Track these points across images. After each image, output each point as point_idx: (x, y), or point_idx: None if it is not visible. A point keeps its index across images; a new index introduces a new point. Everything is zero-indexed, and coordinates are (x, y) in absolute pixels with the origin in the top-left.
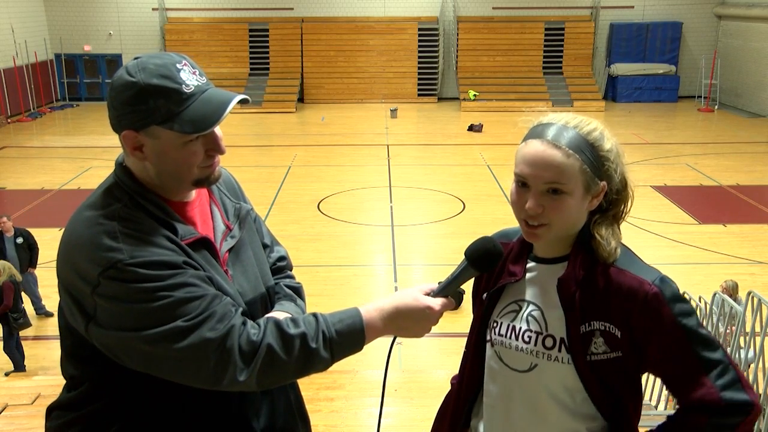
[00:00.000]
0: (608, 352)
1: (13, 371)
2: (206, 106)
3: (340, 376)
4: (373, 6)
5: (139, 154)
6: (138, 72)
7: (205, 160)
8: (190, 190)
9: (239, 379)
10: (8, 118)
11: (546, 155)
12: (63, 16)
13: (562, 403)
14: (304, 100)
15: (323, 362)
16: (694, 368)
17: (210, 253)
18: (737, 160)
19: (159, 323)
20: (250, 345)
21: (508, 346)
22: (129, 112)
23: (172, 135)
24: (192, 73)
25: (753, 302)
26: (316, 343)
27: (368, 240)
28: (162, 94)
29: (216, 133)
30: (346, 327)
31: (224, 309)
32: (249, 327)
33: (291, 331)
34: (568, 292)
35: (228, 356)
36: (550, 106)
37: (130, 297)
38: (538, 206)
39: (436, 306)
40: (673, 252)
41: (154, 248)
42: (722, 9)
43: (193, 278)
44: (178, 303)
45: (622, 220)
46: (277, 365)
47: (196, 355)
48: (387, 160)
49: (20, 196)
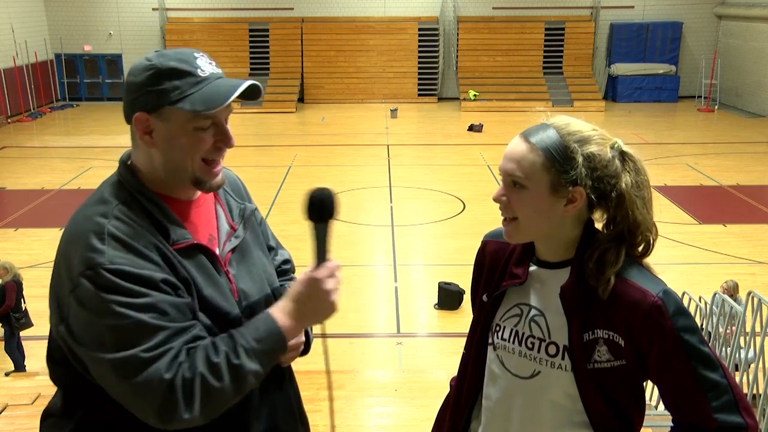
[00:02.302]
0: (612, 360)
1: (14, 371)
2: (218, 89)
3: (341, 376)
4: (373, 6)
5: (148, 139)
6: (156, 57)
7: (213, 152)
8: (191, 188)
9: (184, 417)
10: (8, 118)
11: (512, 148)
12: (63, 16)
13: (564, 411)
14: (304, 100)
15: (254, 373)
16: (690, 386)
17: (207, 257)
18: (737, 160)
19: (118, 347)
20: (188, 381)
21: (511, 351)
22: (144, 93)
23: (183, 118)
24: (209, 63)
25: (753, 302)
26: (239, 358)
27: (368, 240)
28: (177, 75)
29: (226, 125)
30: (264, 333)
31: (180, 346)
32: (185, 361)
33: (214, 358)
34: (570, 300)
35: (173, 395)
36: (550, 107)
37: (98, 308)
38: (500, 195)
39: (318, 275)
40: (674, 252)
41: (136, 258)
42: (722, 9)
43: (165, 304)
44: (141, 327)
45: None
46: (214, 393)
47: (146, 391)
48: (387, 160)
49: (20, 196)
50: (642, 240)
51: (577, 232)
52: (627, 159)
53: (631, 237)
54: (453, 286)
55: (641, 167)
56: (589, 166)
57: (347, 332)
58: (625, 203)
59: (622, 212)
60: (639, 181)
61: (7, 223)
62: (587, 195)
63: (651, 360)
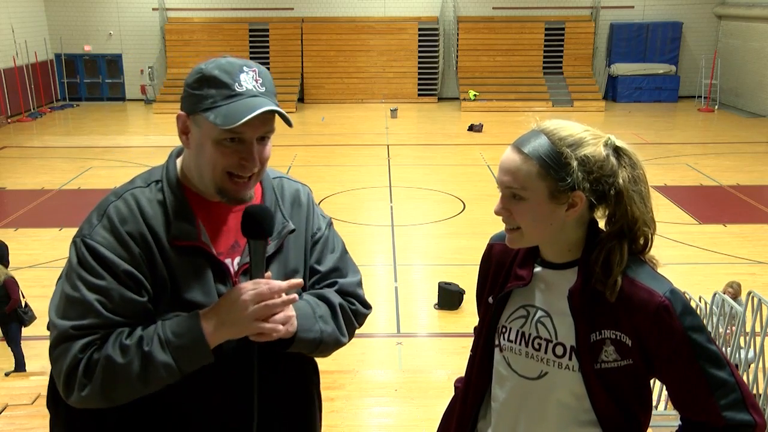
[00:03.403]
0: (619, 360)
1: (14, 371)
2: (244, 108)
3: (340, 376)
4: (373, 6)
5: (184, 139)
6: (209, 63)
7: (237, 168)
8: (216, 196)
9: (81, 394)
10: (8, 118)
11: (506, 160)
12: (63, 16)
13: (571, 411)
14: (304, 100)
15: (164, 366)
16: (698, 384)
17: (209, 262)
18: (737, 160)
19: (60, 314)
20: (93, 361)
21: (517, 353)
22: (187, 95)
23: (209, 127)
24: (254, 80)
25: (753, 302)
26: (151, 346)
27: (368, 240)
28: (215, 84)
29: (253, 144)
30: (184, 329)
31: (106, 336)
32: (100, 346)
33: (126, 341)
34: (578, 301)
35: (75, 372)
36: (550, 107)
37: (67, 272)
38: (501, 209)
39: (242, 286)
40: (674, 252)
41: (114, 242)
42: (722, 9)
43: (116, 293)
44: (83, 305)
45: (640, 250)
46: (116, 371)
47: (57, 362)
48: (387, 160)
49: (20, 196)
50: (641, 235)
51: (581, 233)
52: (622, 154)
53: (631, 233)
54: (453, 286)
55: (636, 161)
56: (584, 170)
57: None
58: (624, 200)
59: (621, 209)
60: (635, 175)
61: (7, 223)
62: (587, 197)
63: (659, 359)
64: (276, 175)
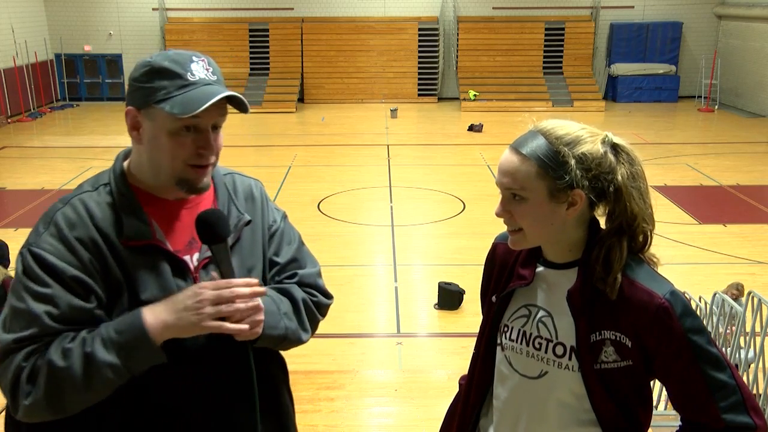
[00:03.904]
0: (618, 360)
1: None
2: (200, 95)
3: (340, 376)
4: (373, 6)
5: (136, 135)
6: (156, 56)
7: (195, 158)
8: (175, 188)
9: (25, 403)
10: (8, 118)
11: (505, 161)
12: (63, 16)
13: (571, 410)
14: (304, 100)
15: (109, 365)
16: (698, 386)
17: (167, 260)
18: (737, 160)
19: (5, 327)
20: (36, 368)
21: (518, 352)
22: (136, 89)
23: (164, 119)
24: (205, 69)
25: (753, 302)
26: (92, 346)
27: (368, 240)
28: (166, 75)
29: (209, 132)
30: (126, 326)
31: (50, 343)
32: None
33: (68, 344)
34: (578, 301)
35: (18, 382)
36: (550, 107)
37: (14, 285)
38: (502, 211)
39: (202, 284)
40: (674, 252)
41: (63, 248)
42: (722, 9)
43: (63, 300)
44: (28, 316)
45: (639, 247)
46: (59, 376)
47: (3, 375)
48: (387, 160)
49: (20, 196)
50: (640, 232)
51: (581, 232)
52: (620, 151)
53: (630, 229)
54: (453, 286)
55: (634, 157)
56: (583, 168)
57: (347, 332)
58: (623, 196)
59: (620, 205)
60: (633, 171)
61: (7, 223)
62: (586, 195)
63: (658, 361)
64: (226, 172)
